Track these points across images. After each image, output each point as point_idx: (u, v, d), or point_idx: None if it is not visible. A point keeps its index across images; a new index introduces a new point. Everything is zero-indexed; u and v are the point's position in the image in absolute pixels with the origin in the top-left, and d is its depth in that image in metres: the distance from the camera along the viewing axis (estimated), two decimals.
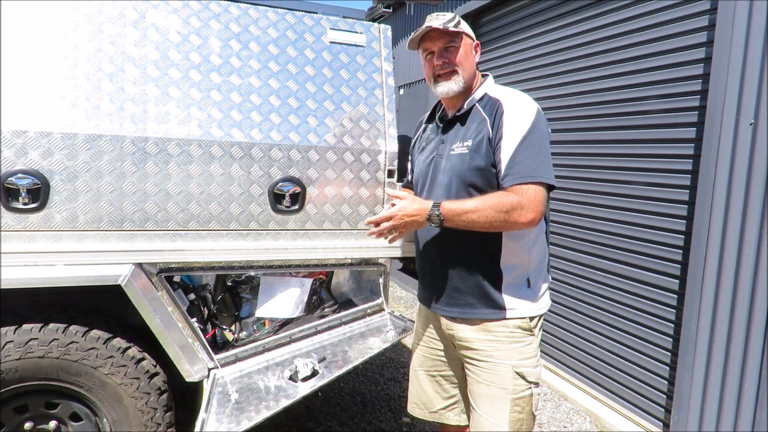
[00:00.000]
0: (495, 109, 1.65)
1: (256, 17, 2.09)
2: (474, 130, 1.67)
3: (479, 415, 1.69)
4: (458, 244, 1.68)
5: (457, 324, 1.74)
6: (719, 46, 2.52)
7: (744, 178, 2.41)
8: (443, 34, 1.68)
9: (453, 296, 1.72)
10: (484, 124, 1.65)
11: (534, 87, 3.89)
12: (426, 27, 1.68)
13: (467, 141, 1.66)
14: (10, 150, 1.72)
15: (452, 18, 1.67)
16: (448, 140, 1.74)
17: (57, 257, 1.80)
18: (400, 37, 6.54)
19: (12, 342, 1.80)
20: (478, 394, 1.70)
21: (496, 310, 1.66)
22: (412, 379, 1.98)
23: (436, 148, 1.78)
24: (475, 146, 1.63)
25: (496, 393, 1.65)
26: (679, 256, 2.82)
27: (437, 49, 1.70)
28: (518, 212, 1.50)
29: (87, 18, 1.86)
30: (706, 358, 2.58)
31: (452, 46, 1.69)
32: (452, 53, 1.69)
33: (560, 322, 3.73)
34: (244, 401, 1.96)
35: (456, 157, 1.68)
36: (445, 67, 1.69)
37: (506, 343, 1.66)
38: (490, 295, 1.66)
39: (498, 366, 1.65)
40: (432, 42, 1.70)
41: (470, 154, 1.63)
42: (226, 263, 2.05)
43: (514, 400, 1.64)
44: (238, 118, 2.00)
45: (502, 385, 1.64)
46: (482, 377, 1.68)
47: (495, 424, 1.64)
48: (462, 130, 1.71)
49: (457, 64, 1.68)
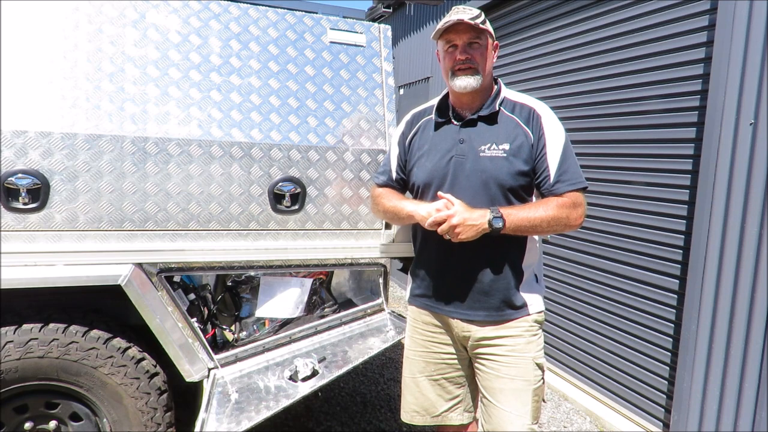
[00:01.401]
0: (530, 115, 1.68)
1: (256, 17, 2.09)
2: (508, 133, 1.66)
3: (501, 410, 1.68)
4: (488, 248, 1.65)
5: (475, 326, 1.73)
6: (719, 46, 2.52)
7: (744, 178, 2.41)
8: (470, 29, 1.65)
9: (478, 299, 1.70)
10: (520, 128, 1.66)
11: (534, 87, 3.89)
12: (456, 19, 1.63)
13: (503, 144, 1.64)
14: (10, 150, 1.72)
15: (479, 14, 1.65)
16: (473, 141, 1.68)
17: (57, 257, 1.81)
18: (400, 37, 6.54)
19: (12, 342, 1.80)
20: (499, 389, 1.70)
21: (519, 310, 1.71)
22: (409, 387, 1.90)
23: (454, 148, 1.71)
24: (515, 150, 1.63)
25: (520, 386, 1.67)
26: (679, 256, 2.82)
27: (461, 43, 1.67)
28: (573, 216, 1.64)
29: (87, 18, 1.86)
30: (706, 358, 2.58)
31: (477, 42, 1.67)
32: (476, 50, 1.67)
33: (560, 322, 3.73)
34: (244, 401, 1.96)
35: (488, 159, 1.65)
36: (467, 63, 1.66)
37: (526, 337, 1.70)
38: (512, 297, 1.69)
39: (521, 359, 1.68)
40: (457, 35, 1.67)
41: (509, 158, 1.63)
42: (226, 263, 2.05)
43: (534, 391, 1.69)
44: (238, 118, 2.00)
45: (526, 378, 1.68)
46: (504, 372, 1.69)
47: (520, 416, 1.66)
48: (491, 131, 1.68)
49: (479, 64, 1.67)
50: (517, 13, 4.20)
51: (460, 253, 1.69)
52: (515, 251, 1.70)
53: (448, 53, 1.71)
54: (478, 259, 1.68)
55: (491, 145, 1.66)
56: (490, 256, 1.67)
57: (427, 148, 1.78)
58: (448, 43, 1.70)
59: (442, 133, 1.77)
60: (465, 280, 1.71)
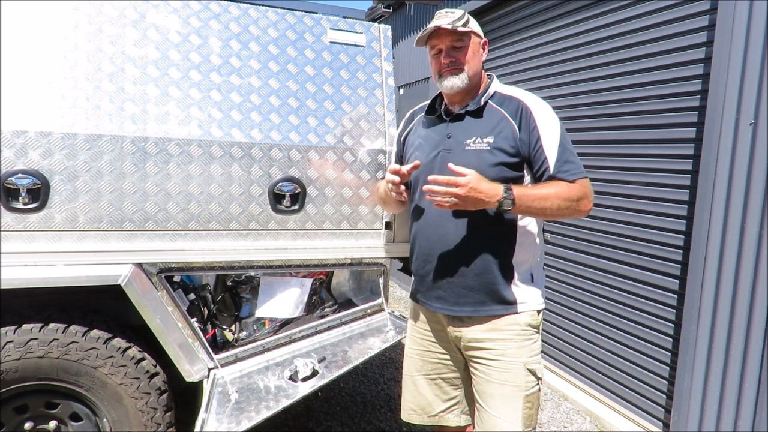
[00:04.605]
0: (518, 107, 1.68)
1: (256, 17, 2.09)
2: (494, 126, 1.67)
3: (491, 415, 1.67)
4: (474, 241, 1.66)
5: (464, 326, 1.72)
6: (719, 46, 2.52)
7: (744, 178, 2.40)
8: (451, 32, 1.67)
9: (463, 294, 1.69)
10: (506, 121, 1.66)
11: (534, 87, 3.89)
12: (434, 26, 1.67)
13: (487, 137, 1.65)
14: (10, 150, 1.72)
15: (461, 16, 1.67)
16: (458, 135, 1.71)
17: (57, 257, 1.81)
18: (400, 37, 6.54)
19: (12, 342, 1.80)
20: (489, 394, 1.68)
21: (507, 306, 1.68)
22: (407, 385, 1.92)
23: (441, 143, 1.74)
24: (499, 143, 1.63)
25: (509, 391, 1.65)
26: (679, 256, 2.82)
27: (445, 47, 1.69)
28: (584, 202, 1.63)
29: (87, 18, 1.86)
30: (706, 358, 2.58)
31: (460, 44, 1.69)
32: (460, 52, 1.69)
33: (560, 322, 3.73)
34: (244, 401, 1.96)
35: (473, 152, 1.66)
36: (451, 66, 1.69)
37: (518, 341, 1.67)
38: (501, 292, 1.67)
39: (511, 364, 1.66)
40: (440, 39, 1.70)
41: (493, 151, 1.63)
42: (226, 263, 2.05)
43: (526, 397, 1.66)
44: (238, 118, 2.00)
45: (516, 383, 1.65)
46: (494, 376, 1.67)
47: (509, 423, 1.64)
48: (476, 125, 1.69)
49: (464, 63, 1.69)
50: (517, 13, 4.20)
51: (450, 248, 1.70)
52: (505, 246, 1.67)
53: (434, 58, 1.75)
54: (465, 253, 1.68)
55: (476, 139, 1.67)
56: (478, 250, 1.67)
57: (419, 144, 1.83)
58: (432, 48, 1.74)
59: (433, 128, 1.81)
60: (452, 274, 1.70)
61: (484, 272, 1.66)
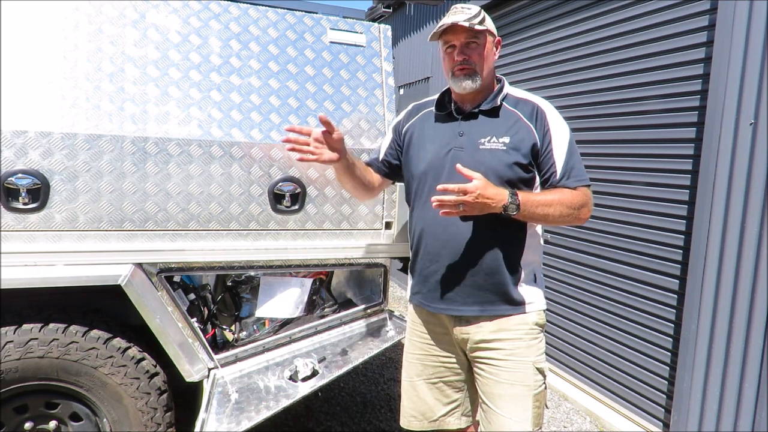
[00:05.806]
0: (533, 111, 1.69)
1: (256, 17, 2.09)
2: (509, 127, 1.67)
3: (500, 415, 1.66)
4: (487, 242, 1.65)
5: (471, 327, 1.70)
6: (719, 46, 2.52)
7: (744, 178, 2.40)
8: (467, 30, 1.65)
9: (472, 294, 1.67)
10: (522, 123, 1.67)
11: (534, 87, 3.89)
12: (450, 22, 1.63)
13: (503, 137, 1.64)
14: (10, 150, 1.72)
15: (477, 13, 1.65)
16: (472, 133, 1.69)
17: (57, 257, 1.81)
18: (400, 37, 6.54)
19: (12, 342, 1.80)
20: (498, 394, 1.67)
21: (515, 306, 1.68)
22: (407, 391, 1.87)
23: (453, 140, 1.70)
24: (515, 144, 1.63)
25: (519, 391, 1.65)
26: (679, 256, 2.82)
27: (459, 43, 1.67)
28: (584, 210, 1.65)
29: (87, 18, 1.87)
30: (706, 358, 2.58)
31: (475, 42, 1.67)
32: (474, 51, 1.67)
33: (560, 322, 3.73)
34: (244, 401, 1.96)
35: (488, 152, 1.65)
36: (464, 65, 1.67)
37: (526, 341, 1.68)
38: (510, 293, 1.67)
39: (520, 364, 1.66)
40: (454, 35, 1.67)
41: (509, 151, 1.63)
42: (226, 263, 2.05)
43: (534, 396, 1.66)
44: (238, 118, 2.00)
45: (526, 383, 1.65)
46: (503, 377, 1.67)
47: (519, 423, 1.64)
48: (492, 125, 1.68)
49: (477, 63, 1.67)
50: (518, 13, 4.19)
51: (458, 246, 1.67)
52: (515, 247, 1.68)
53: (447, 54, 1.72)
54: (477, 253, 1.66)
55: (491, 138, 1.66)
56: (490, 250, 1.65)
57: (427, 140, 1.78)
58: (446, 43, 1.71)
59: (442, 125, 1.78)
60: (462, 273, 1.68)
61: (495, 272, 1.66)
